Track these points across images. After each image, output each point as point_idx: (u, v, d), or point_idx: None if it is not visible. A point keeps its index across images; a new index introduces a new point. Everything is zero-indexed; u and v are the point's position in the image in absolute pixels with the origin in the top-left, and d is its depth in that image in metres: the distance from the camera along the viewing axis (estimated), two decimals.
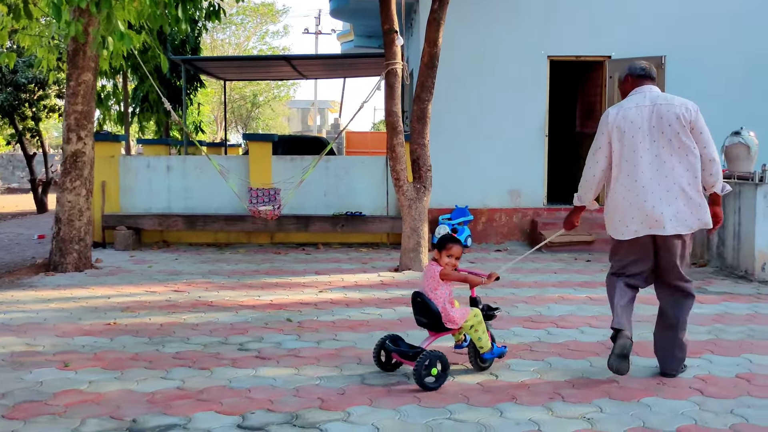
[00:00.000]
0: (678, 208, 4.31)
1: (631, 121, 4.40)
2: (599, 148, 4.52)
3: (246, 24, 34.47)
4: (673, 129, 4.33)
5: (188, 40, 15.30)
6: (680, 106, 4.39)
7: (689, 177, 4.33)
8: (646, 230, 4.36)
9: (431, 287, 4.42)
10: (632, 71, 4.61)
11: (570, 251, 10.04)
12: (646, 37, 10.79)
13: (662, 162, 4.34)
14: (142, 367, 4.60)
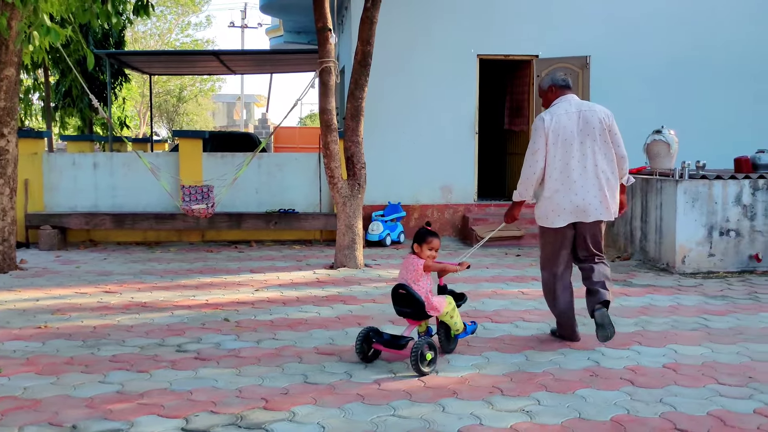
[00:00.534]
0: (600, 199, 5.07)
1: (564, 126, 5.04)
2: (538, 149, 5.07)
3: (167, 15, 33.70)
4: (597, 132, 5.05)
5: (111, 34, 14.91)
6: (600, 111, 5.11)
7: (609, 173, 5.11)
8: (574, 219, 5.10)
9: (414, 279, 4.67)
10: (555, 82, 5.23)
11: (500, 246, 10.27)
12: (573, 38, 11.12)
13: (589, 160, 5.05)
14: (79, 372, 4.50)
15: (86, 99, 14.34)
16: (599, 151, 5.05)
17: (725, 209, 8.15)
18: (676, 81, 11.33)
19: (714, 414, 3.83)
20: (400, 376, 4.46)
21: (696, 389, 4.23)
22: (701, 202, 8.11)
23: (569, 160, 5.02)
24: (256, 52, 14.07)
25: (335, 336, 5.42)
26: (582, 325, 5.73)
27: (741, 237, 8.18)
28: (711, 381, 4.38)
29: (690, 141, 10.34)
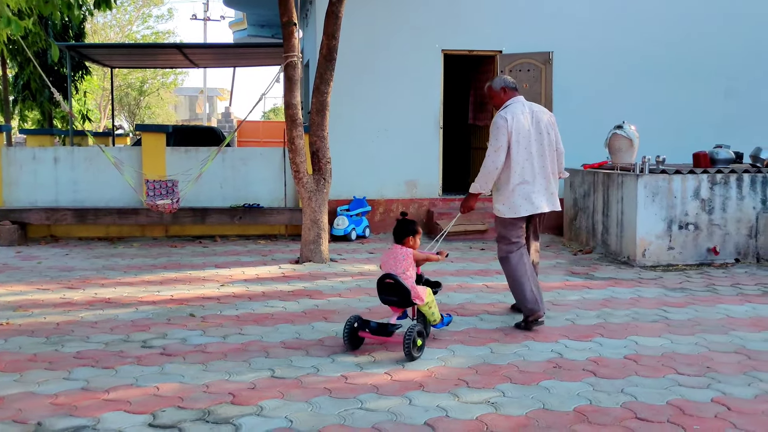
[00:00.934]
0: (552, 192, 5.69)
1: (522, 125, 5.53)
2: (501, 146, 5.50)
3: (127, 7, 33.18)
4: (545, 131, 5.63)
5: (71, 26, 14.66)
6: (546, 112, 5.73)
7: (555, 167, 5.75)
8: (534, 210, 5.62)
9: (403, 268, 4.90)
10: (507, 84, 5.72)
11: (465, 240, 10.36)
12: (536, 33, 11.24)
13: (541, 157, 5.61)
14: (43, 368, 4.45)
15: (46, 92, 14.10)
16: (548, 148, 5.63)
17: (684, 203, 8.34)
18: (637, 77, 11.53)
19: (673, 403, 3.94)
20: (367, 370, 4.50)
21: (656, 379, 4.34)
22: (661, 197, 8.28)
23: (528, 156, 5.54)
24: (220, 45, 13.97)
25: (302, 330, 5.44)
26: (547, 318, 5.84)
27: (699, 230, 8.38)
28: (670, 371, 4.49)
29: (651, 136, 10.56)
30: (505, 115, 5.51)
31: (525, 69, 11.09)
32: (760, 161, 8.77)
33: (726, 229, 8.43)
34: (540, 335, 5.32)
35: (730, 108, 11.69)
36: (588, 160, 10.27)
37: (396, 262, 4.93)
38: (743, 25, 11.66)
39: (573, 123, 11.25)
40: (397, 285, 4.83)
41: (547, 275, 7.74)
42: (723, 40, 11.63)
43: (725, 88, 11.71)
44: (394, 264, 4.93)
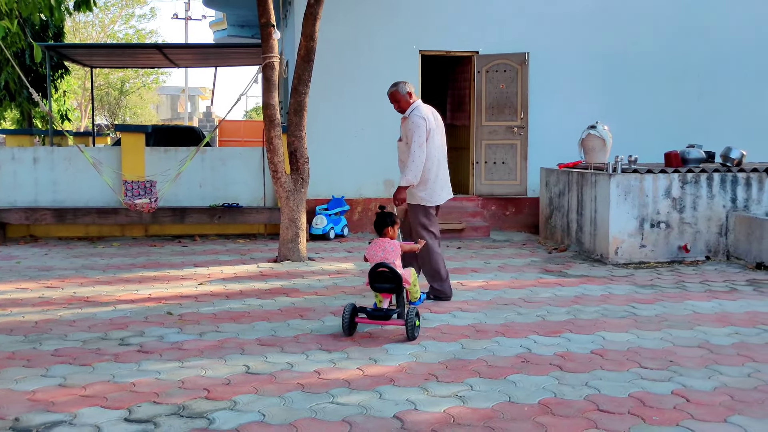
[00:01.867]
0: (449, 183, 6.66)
1: (433, 123, 6.40)
2: (423, 142, 6.27)
3: (110, 6, 33.08)
4: (442, 129, 6.57)
5: (50, 25, 14.64)
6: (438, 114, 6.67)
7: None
8: (447, 197, 6.58)
9: (394, 258, 5.43)
10: (409, 90, 6.50)
11: (442, 239, 10.46)
12: (512, 34, 11.41)
13: (444, 151, 6.59)
14: (20, 366, 4.52)
15: (25, 92, 14.07)
16: (444, 144, 6.60)
17: (656, 202, 8.51)
18: (612, 77, 11.72)
19: (635, 395, 4.08)
20: (339, 366, 4.61)
21: (620, 373, 4.48)
22: (633, 195, 8.45)
23: (438, 151, 6.45)
24: (200, 45, 14.01)
25: (277, 328, 5.54)
26: (518, 314, 5.99)
27: (671, 228, 8.56)
28: (634, 365, 4.64)
29: (624, 136, 10.76)
30: (422, 115, 6.30)
31: (501, 69, 11.25)
32: (730, 161, 8.96)
33: (697, 227, 8.62)
34: (510, 331, 5.46)
35: (701, 108, 11.91)
36: (563, 159, 10.44)
37: (385, 252, 5.43)
38: (714, 27, 11.89)
39: (548, 123, 11.45)
40: (391, 272, 5.28)
41: (521, 273, 7.89)
42: (695, 41, 11.85)
43: (697, 89, 11.92)
44: (383, 255, 5.41)
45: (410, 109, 6.39)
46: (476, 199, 11.49)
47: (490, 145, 11.38)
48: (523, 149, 11.27)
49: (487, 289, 7.05)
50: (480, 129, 11.42)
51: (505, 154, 11.32)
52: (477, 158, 11.45)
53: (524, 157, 11.27)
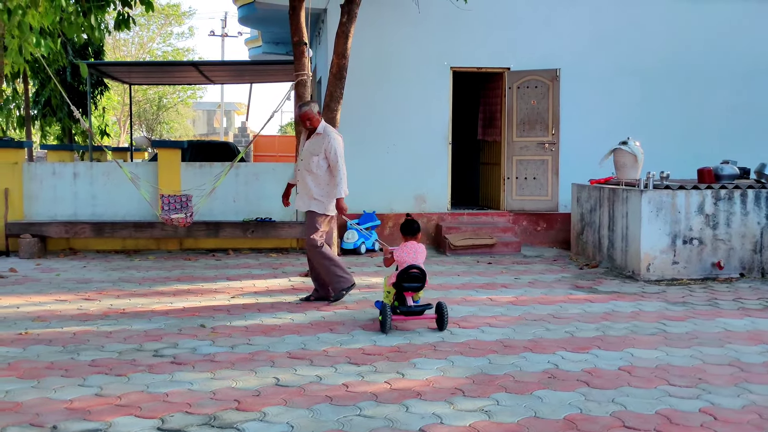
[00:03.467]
0: None
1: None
2: (343, 155, 6.95)
3: (150, 25, 33.79)
4: None
5: (91, 43, 15.04)
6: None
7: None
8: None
9: (422, 260, 6.14)
10: (319, 109, 7.09)
11: (472, 254, 10.51)
12: (543, 51, 11.43)
13: None
14: (59, 376, 4.67)
15: (66, 108, 14.46)
16: None
17: (688, 218, 8.45)
18: (643, 92, 11.67)
19: (662, 413, 4.09)
20: (367, 379, 4.67)
21: (647, 390, 4.48)
22: (665, 212, 8.40)
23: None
24: (235, 62, 14.27)
25: (307, 341, 5.63)
26: (546, 330, 6.00)
27: (704, 245, 8.49)
28: (662, 382, 4.63)
29: (656, 151, 10.70)
30: (337, 133, 7.09)
31: (533, 86, 11.28)
32: (764, 177, 8.87)
33: (730, 243, 8.53)
34: (538, 347, 5.47)
35: (735, 123, 11.80)
36: (594, 175, 10.42)
37: (417, 255, 6.15)
38: (747, 40, 11.79)
39: (579, 138, 11.43)
40: (421, 273, 5.99)
41: (551, 289, 7.89)
42: (727, 55, 11.77)
43: (730, 104, 11.81)
44: (416, 256, 6.12)
45: (322, 126, 7.00)
46: (507, 215, 11.50)
47: (521, 161, 11.40)
48: (555, 165, 11.27)
49: (517, 304, 7.06)
50: (511, 145, 11.44)
51: (536, 170, 11.33)
52: (508, 174, 11.47)
53: (555, 173, 11.27)
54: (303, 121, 6.95)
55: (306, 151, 7.02)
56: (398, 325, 6.15)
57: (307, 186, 7.01)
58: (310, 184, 6.99)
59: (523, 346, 5.51)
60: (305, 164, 7.01)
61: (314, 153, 6.94)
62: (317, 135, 6.98)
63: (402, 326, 6.11)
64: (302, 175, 7.05)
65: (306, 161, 7.00)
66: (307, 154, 6.99)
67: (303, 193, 7.08)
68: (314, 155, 6.94)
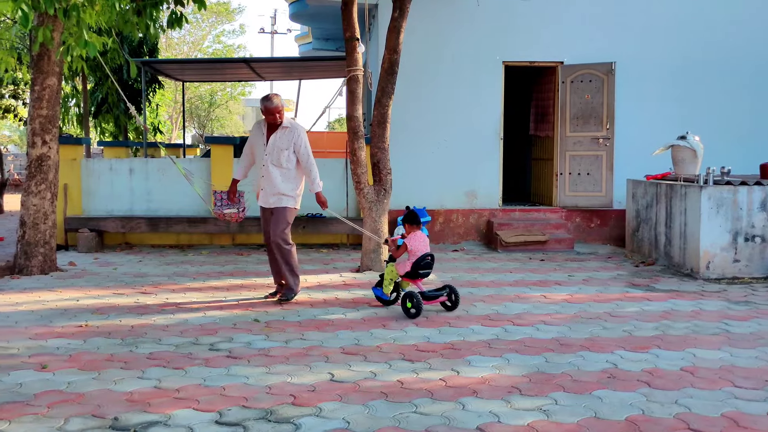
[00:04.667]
0: None
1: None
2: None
3: (201, 23, 34.28)
4: None
5: (146, 41, 15.30)
6: None
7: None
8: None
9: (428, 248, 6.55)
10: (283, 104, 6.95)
11: (524, 251, 10.38)
12: (597, 44, 11.22)
13: None
14: (118, 368, 4.75)
15: (121, 105, 14.74)
16: None
17: (750, 215, 8.20)
18: (702, 86, 11.37)
19: (728, 415, 3.96)
20: (422, 376, 4.64)
21: (712, 391, 4.35)
22: (726, 208, 8.17)
23: None
24: (286, 59, 14.33)
25: (360, 337, 5.62)
26: (603, 329, 5.88)
27: (767, 243, 8.22)
28: (727, 384, 4.49)
29: (715, 146, 10.41)
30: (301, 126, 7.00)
31: (587, 80, 11.08)
32: None
33: None
34: (595, 345, 5.37)
35: None
36: (650, 170, 10.19)
37: (426, 243, 6.53)
38: None
39: (635, 133, 11.20)
40: (432, 260, 6.50)
41: (607, 287, 7.74)
42: None
43: None
44: (425, 246, 6.48)
45: (287, 120, 6.90)
46: (560, 211, 11.33)
47: (574, 156, 11.21)
48: (609, 160, 11.06)
49: (572, 302, 6.94)
50: (564, 140, 11.27)
51: (590, 165, 11.13)
52: (561, 169, 11.30)
53: (610, 168, 11.05)
54: (274, 114, 6.78)
55: (273, 146, 6.83)
56: (453, 342, 6.08)
57: (274, 181, 6.85)
58: (277, 179, 6.84)
59: (579, 344, 5.41)
60: (273, 159, 6.84)
61: (283, 147, 6.81)
62: (284, 128, 6.85)
63: (455, 323, 6.05)
64: (268, 170, 6.85)
65: (274, 156, 6.83)
66: (275, 149, 6.82)
67: (269, 189, 6.90)
68: (284, 149, 6.81)
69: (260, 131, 6.97)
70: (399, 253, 6.59)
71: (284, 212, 6.90)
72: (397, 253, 6.60)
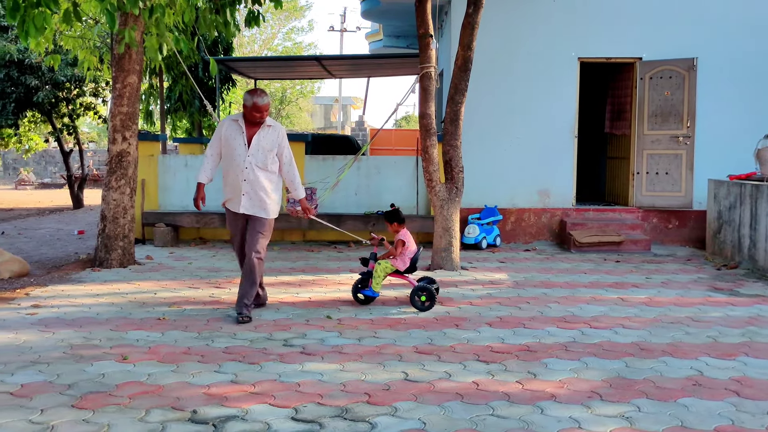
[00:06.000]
0: None
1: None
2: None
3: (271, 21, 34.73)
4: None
5: (221, 40, 15.56)
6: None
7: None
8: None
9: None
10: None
11: (599, 251, 10.13)
12: (678, 39, 10.85)
13: None
14: (195, 361, 4.82)
15: (196, 103, 15.03)
16: None
17: None
18: None
19: None
20: (498, 378, 4.55)
21: None
22: None
23: None
24: (357, 56, 14.36)
25: (433, 336, 5.56)
26: (685, 334, 5.68)
27: None
28: None
29: None
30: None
31: (666, 76, 10.73)
32: None
33: None
34: (678, 351, 5.17)
35: None
36: (733, 170, 9.81)
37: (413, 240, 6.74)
38: None
39: (717, 132, 10.80)
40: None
41: (687, 290, 7.47)
42: None
43: None
44: (413, 241, 6.72)
45: (269, 118, 6.10)
46: (636, 211, 11.02)
47: (652, 155, 10.88)
48: (689, 159, 10.69)
49: (651, 305, 6.72)
50: (642, 138, 10.94)
51: (668, 165, 10.78)
52: (638, 168, 10.98)
53: (690, 168, 10.68)
54: (262, 112, 5.96)
55: (257, 146, 6.01)
56: (528, 343, 5.97)
57: (260, 186, 6.02)
58: (264, 183, 6.03)
59: (661, 350, 5.22)
60: (257, 160, 6.00)
61: (268, 148, 6.03)
62: (267, 127, 6.07)
63: (529, 324, 5.94)
64: (254, 173, 5.99)
65: (259, 157, 6.01)
66: (259, 149, 6.01)
67: (253, 193, 6.03)
68: (268, 150, 6.03)
69: (238, 129, 6.07)
70: (399, 251, 6.60)
71: (268, 223, 6.13)
72: (398, 251, 6.61)
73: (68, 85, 16.86)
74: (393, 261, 6.64)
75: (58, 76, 16.04)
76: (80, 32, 10.13)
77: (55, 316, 6.04)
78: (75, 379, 4.41)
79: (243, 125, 6.06)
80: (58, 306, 6.43)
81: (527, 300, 6.92)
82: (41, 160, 36.08)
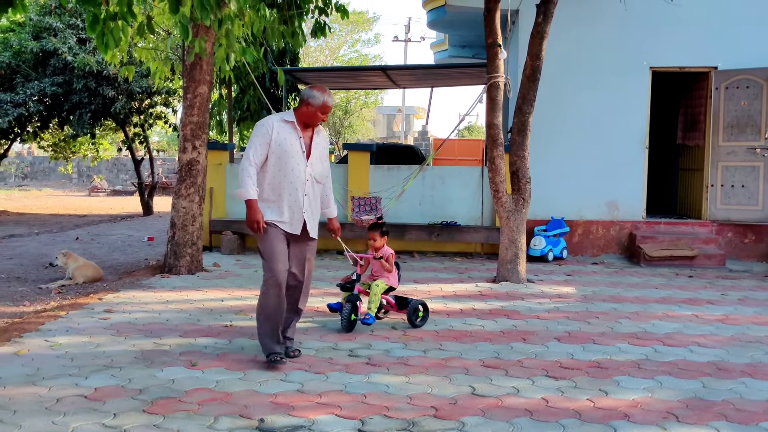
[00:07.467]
0: None
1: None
2: None
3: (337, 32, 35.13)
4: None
5: (288, 51, 15.77)
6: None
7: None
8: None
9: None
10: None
11: (670, 266, 9.84)
12: (755, 47, 10.48)
13: None
14: (263, 369, 4.84)
15: (263, 113, 15.25)
16: None
17: None
18: None
19: None
20: (568, 395, 4.43)
21: None
22: None
23: None
24: (423, 66, 14.34)
25: (500, 350, 5.46)
26: (766, 354, 5.43)
27: None
28: None
29: None
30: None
31: (743, 86, 10.37)
32: None
33: None
34: (759, 372, 4.95)
35: None
36: None
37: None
38: None
39: None
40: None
41: (766, 308, 7.17)
42: None
43: None
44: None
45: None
46: (710, 225, 10.66)
47: (727, 167, 10.52)
48: (767, 172, 10.29)
49: (727, 323, 6.47)
50: (717, 150, 10.60)
51: (745, 177, 10.40)
52: (712, 181, 10.63)
53: None
54: (326, 114, 5.06)
55: (316, 155, 5.13)
56: (598, 359, 5.81)
57: (316, 202, 5.24)
58: (317, 200, 5.24)
59: (740, 370, 5.01)
60: (314, 171, 5.13)
61: (323, 159, 5.20)
62: (318, 132, 5.18)
63: (599, 340, 5.78)
64: (313, 187, 5.13)
65: (317, 167, 5.15)
66: (317, 159, 5.14)
67: (312, 212, 5.19)
68: (324, 160, 5.21)
69: (294, 133, 5.02)
70: (391, 270, 6.32)
71: (313, 245, 5.37)
72: (388, 270, 6.29)
73: (141, 96, 17.34)
74: (386, 279, 6.29)
75: (133, 87, 16.51)
76: (153, 44, 10.41)
77: (126, 321, 6.17)
78: (146, 384, 4.49)
79: (299, 128, 5.04)
80: (129, 311, 6.58)
81: (596, 315, 6.75)
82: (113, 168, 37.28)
